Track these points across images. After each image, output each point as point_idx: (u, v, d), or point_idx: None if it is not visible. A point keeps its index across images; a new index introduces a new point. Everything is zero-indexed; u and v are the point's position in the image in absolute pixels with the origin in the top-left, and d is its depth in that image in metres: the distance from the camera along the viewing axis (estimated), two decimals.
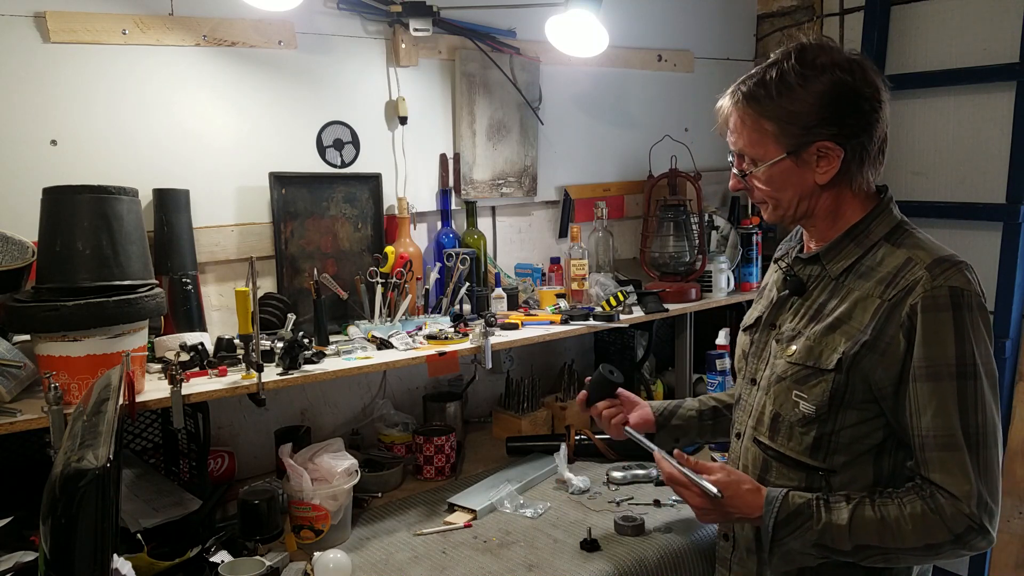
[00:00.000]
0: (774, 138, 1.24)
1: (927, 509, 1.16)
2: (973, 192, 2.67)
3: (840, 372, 1.21)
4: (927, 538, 1.16)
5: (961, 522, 1.14)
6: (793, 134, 1.23)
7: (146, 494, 1.76)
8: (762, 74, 1.25)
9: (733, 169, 1.35)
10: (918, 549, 1.17)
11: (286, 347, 1.76)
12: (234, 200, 2.05)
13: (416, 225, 2.38)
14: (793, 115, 1.22)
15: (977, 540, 1.16)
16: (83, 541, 0.95)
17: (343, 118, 2.20)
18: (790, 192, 1.28)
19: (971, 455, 1.15)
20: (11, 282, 1.61)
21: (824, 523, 1.20)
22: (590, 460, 2.24)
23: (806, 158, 1.24)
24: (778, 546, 1.23)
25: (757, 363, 1.38)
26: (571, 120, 2.68)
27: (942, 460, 1.16)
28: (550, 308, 2.34)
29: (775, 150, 1.25)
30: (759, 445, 1.34)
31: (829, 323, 1.24)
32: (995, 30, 2.57)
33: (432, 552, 1.74)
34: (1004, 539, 2.64)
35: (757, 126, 1.25)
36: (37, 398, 1.54)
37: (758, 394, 1.35)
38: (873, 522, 1.18)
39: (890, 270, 1.22)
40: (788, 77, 1.21)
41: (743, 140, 1.28)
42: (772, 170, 1.26)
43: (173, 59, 1.92)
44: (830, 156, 1.23)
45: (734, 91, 1.29)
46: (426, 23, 2.20)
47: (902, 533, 1.16)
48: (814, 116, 1.21)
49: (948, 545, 1.16)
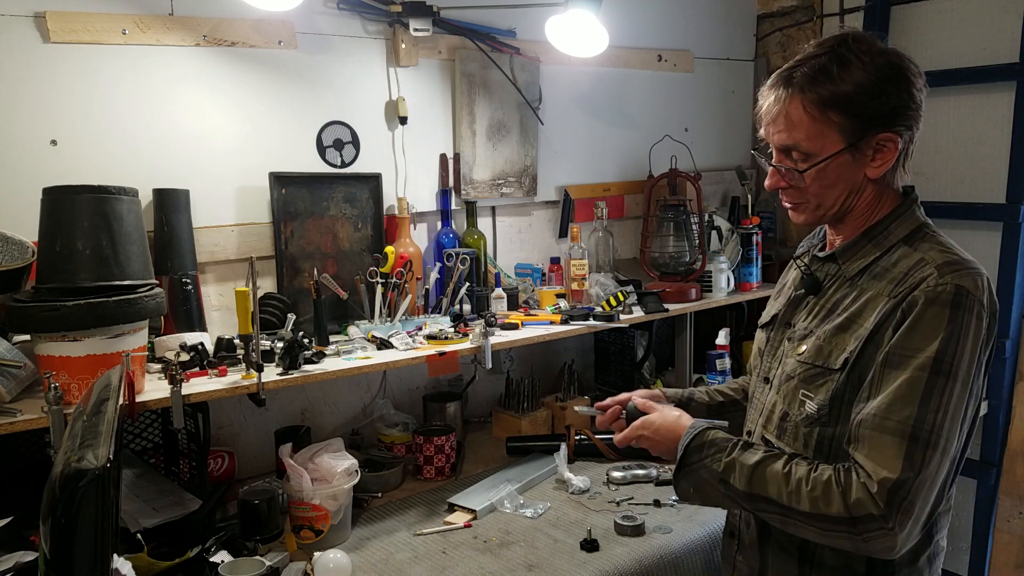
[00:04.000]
0: (839, 129, 1.17)
1: (834, 479, 1.11)
2: (973, 192, 2.67)
3: (843, 372, 1.19)
4: (819, 506, 1.11)
5: (863, 505, 1.08)
6: (857, 124, 1.17)
7: (146, 494, 1.76)
8: (818, 61, 1.17)
9: (769, 165, 1.27)
10: (809, 517, 1.12)
11: (286, 347, 1.76)
12: (234, 200, 2.05)
13: (416, 225, 2.38)
14: (859, 104, 1.16)
15: (875, 533, 1.08)
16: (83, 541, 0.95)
17: (343, 118, 2.20)
18: (839, 188, 1.22)
19: (912, 447, 1.08)
20: (11, 282, 1.61)
21: (731, 459, 1.21)
22: (590, 460, 2.24)
23: (864, 150, 1.19)
24: (687, 469, 1.26)
25: (771, 361, 1.36)
26: (571, 120, 2.68)
27: (875, 440, 1.10)
28: (550, 308, 2.34)
29: (836, 142, 1.18)
30: (766, 444, 1.32)
31: (840, 323, 1.23)
32: (995, 30, 2.57)
33: (432, 552, 1.74)
34: (1004, 539, 2.64)
35: (822, 116, 1.17)
36: (37, 398, 1.54)
37: (770, 392, 1.34)
38: (776, 474, 1.16)
39: (902, 270, 1.18)
40: (849, 60, 1.15)
41: (801, 132, 1.19)
42: (829, 164, 1.19)
43: (173, 59, 1.92)
44: (888, 148, 1.18)
45: (789, 80, 1.19)
46: (426, 23, 2.20)
47: (799, 494, 1.13)
48: (877, 104, 1.16)
49: (841, 525, 1.09)
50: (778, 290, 1.48)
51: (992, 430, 2.61)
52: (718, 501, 1.26)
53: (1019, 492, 2.59)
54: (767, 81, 1.24)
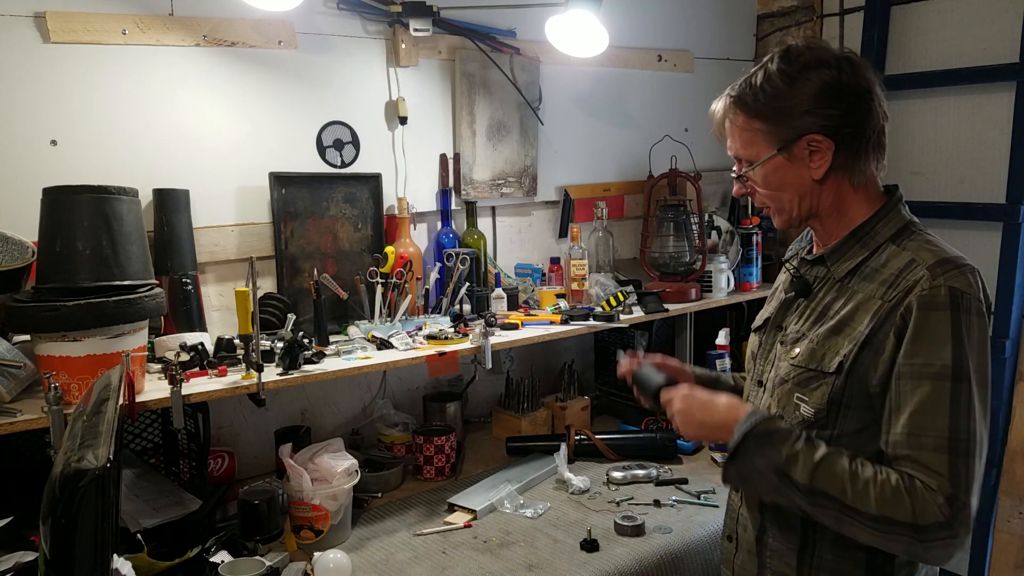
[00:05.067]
0: (764, 136, 1.26)
1: (902, 485, 1.11)
2: (973, 192, 2.67)
3: (839, 375, 1.20)
4: (887, 510, 1.10)
5: (931, 513, 1.08)
6: (781, 130, 1.24)
7: (146, 494, 1.76)
8: (749, 77, 1.27)
9: (734, 174, 1.36)
10: (872, 519, 1.11)
11: (286, 347, 1.76)
12: (234, 200, 2.05)
13: (416, 225, 2.38)
14: (780, 111, 1.23)
15: (940, 542, 1.09)
16: (83, 541, 0.95)
17: (343, 118, 2.20)
18: (789, 192, 1.28)
19: (955, 459, 1.09)
20: (11, 282, 1.61)
21: (795, 451, 1.16)
22: (590, 460, 2.24)
23: (797, 153, 1.24)
24: (742, 455, 1.20)
25: (764, 365, 1.37)
26: (571, 120, 2.68)
27: (919, 457, 1.11)
28: (550, 308, 2.34)
29: (766, 148, 1.26)
30: None
31: (832, 325, 1.23)
32: (995, 30, 2.57)
33: (432, 552, 1.74)
34: (1004, 539, 2.64)
35: (748, 126, 1.27)
36: (37, 398, 1.54)
37: (764, 396, 1.34)
38: (843, 472, 1.14)
39: (893, 271, 1.20)
40: (774, 76, 1.23)
41: (737, 143, 1.31)
42: (766, 169, 1.27)
43: (173, 59, 1.92)
44: (821, 149, 1.23)
45: (724, 96, 1.32)
46: (426, 23, 2.20)
47: (865, 495, 1.11)
48: (800, 110, 1.22)
49: (905, 531, 1.09)
50: (772, 294, 1.49)
51: (992, 430, 2.57)
52: (767, 491, 1.22)
53: (1019, 492, 2.59)
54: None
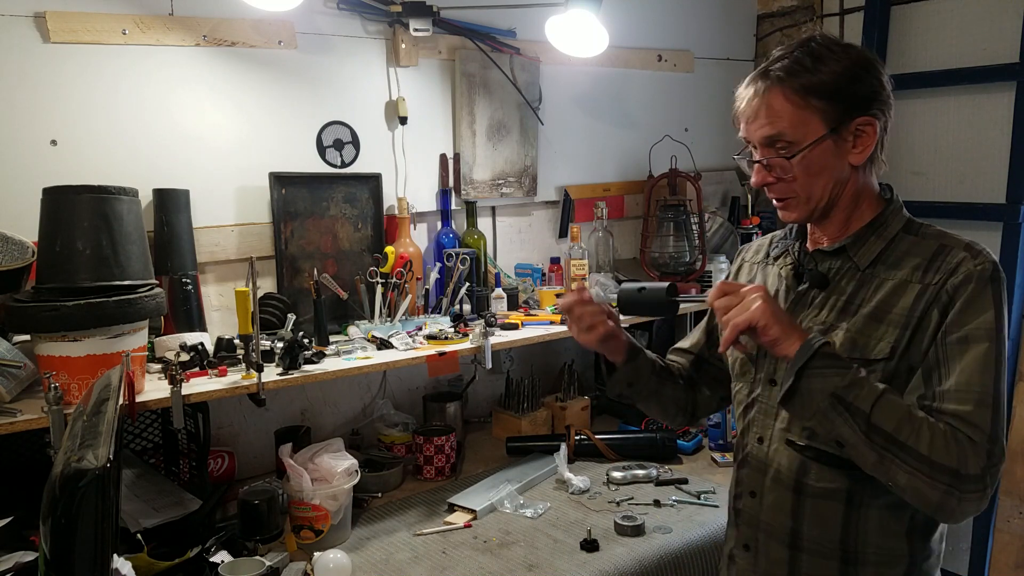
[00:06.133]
0: (820, 114, 1.21)
1: (950, 434, 1.12)
2: (973, 192, 2.67)
3: (892, 359, 1.20)
4: (935, 454, 1.10)
5: (973, 465, 1.10)
6: (837, 109, 1.21)
7: (146, 494, 1.76)
8: (790, 58, 1.22)
9: (753, 162, 1.28)
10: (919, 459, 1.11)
11: (286, 347, 1.76)
12: (234, 200, 2.05)
13: (416, 225, 2.38)
14: (837, 89, 1.20)
15: (973, 495, 1.11)
16: (83, 541, 0.95)
17: (343, 118, 2.20)
18: (825, 178, 1.24)
19: (995, 416, 1.13)
20: (11, 282, 1.61)
21: (859, 378, 1.15)
22: (590, 460, 2.24)
23: (845, 136, 1.23)
24: (806, 374, 1.15)
25: (776, 363, 1.33)
26: (571, 120, 2.68)
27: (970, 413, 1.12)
28: (550, 308, 2.34)
29: (818, 128, 1.21)
30: (793, 447, 1.29)
31: (869, 313, 1.23)
32: (995, 30, 2.57)
33: (432, 552, 1.74)
34: (1004, 539, 2.64)
35: (804, 102, 1.21)
36: (37, 398, 1.54)
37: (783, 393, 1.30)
38: (901, 407, 1.14)
39: (925, 256, 1.22)
40: (821, 53, 1.21)
41: (784, 121, 1.22)
42: (812, 152, 1.22)
43: (173, 59, 1.92)
44: (867, 133, 1.22)
45: (766, 74, 1.23)
46: (426, 23, 2.20)
47: (917, 434, 1.11)
48: (853, 89, 1.21)
49: (948, 477, 1.10)
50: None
51: None
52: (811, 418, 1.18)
53: (1019, 492, 2.59)
54: (740, 82, 1.27)
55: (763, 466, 1.34)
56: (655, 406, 1.51)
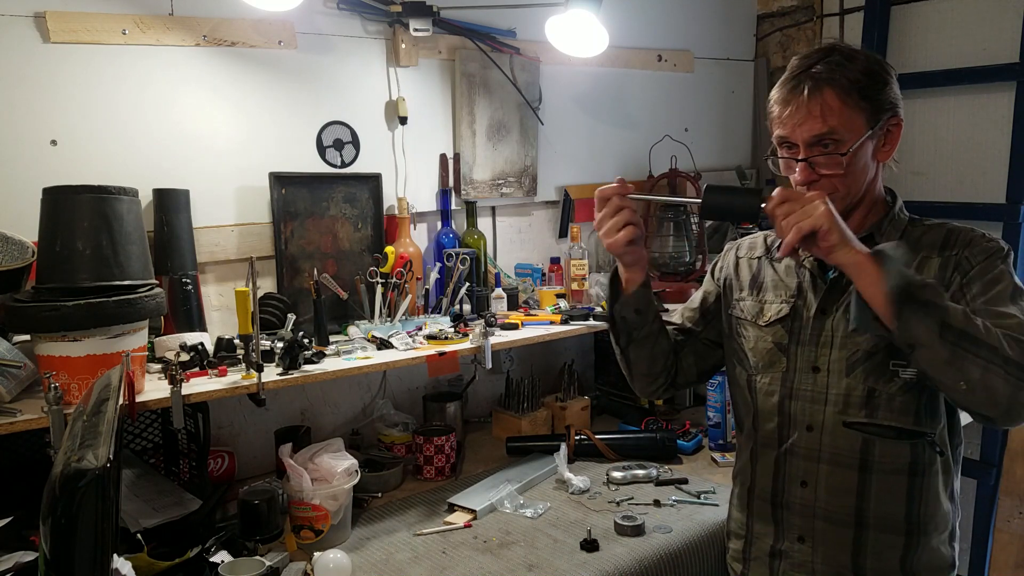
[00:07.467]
0: (864, 113, 1.27)
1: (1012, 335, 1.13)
2: (973, 192, 2.67)
3: None
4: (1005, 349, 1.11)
5: None
6: (875, 108, 1.28)
7: (146, 494, 1.76)
8: (830, 59, 1.27)
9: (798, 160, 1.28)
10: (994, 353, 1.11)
11: (286, 347, 1.76)
12: (234, 200, 2.05)
13: (416, 225, 2.38)
14: (874, 89, 1.27)
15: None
16: (83, 541, 0.95)
17: (343, 118, 2.20)
18: (865, 174, 1.32)
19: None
20: (11, 282, 1.61)
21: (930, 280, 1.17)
22: (590, 460, 2.24)
23: (879, 135, 1.31)
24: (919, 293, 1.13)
25: (817, 350, 1.34)
26: (571, 120, 2.68)
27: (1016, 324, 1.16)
28: (550, 308, 2.34)
29: (862, 127, 1.28)
30: (854, 427, 1.31)
31: None
32: (995, 30, 2.57)
33: (432, 552, 1.74)
34: (1004, 539, 2.64)
35: (852, 101, 1.26)
36: (37, 398, 1.54)
37: (831, 379, 1.32)
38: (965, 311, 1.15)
39: (938, 238, 1.31)
40: (854, 55, 1.27)
41: (835, 119, 1.25)
42: (860, 149, 1.28)
43: (173, 59, 1.92)
44: (894, 132, 1.31)
45: (810, 76, 1.26)
46: (426, 23, 2.20)
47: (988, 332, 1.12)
48: (885, 90, 1.29)
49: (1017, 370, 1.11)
50: (750, 289, 1.46)
51: (992, 430, 2.61)
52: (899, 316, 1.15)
53: (1019, 492, 2.59)
54: (781, 88, 1.30)
55: (814, 453, 1.35)
56: (646, 354, 1.48)
